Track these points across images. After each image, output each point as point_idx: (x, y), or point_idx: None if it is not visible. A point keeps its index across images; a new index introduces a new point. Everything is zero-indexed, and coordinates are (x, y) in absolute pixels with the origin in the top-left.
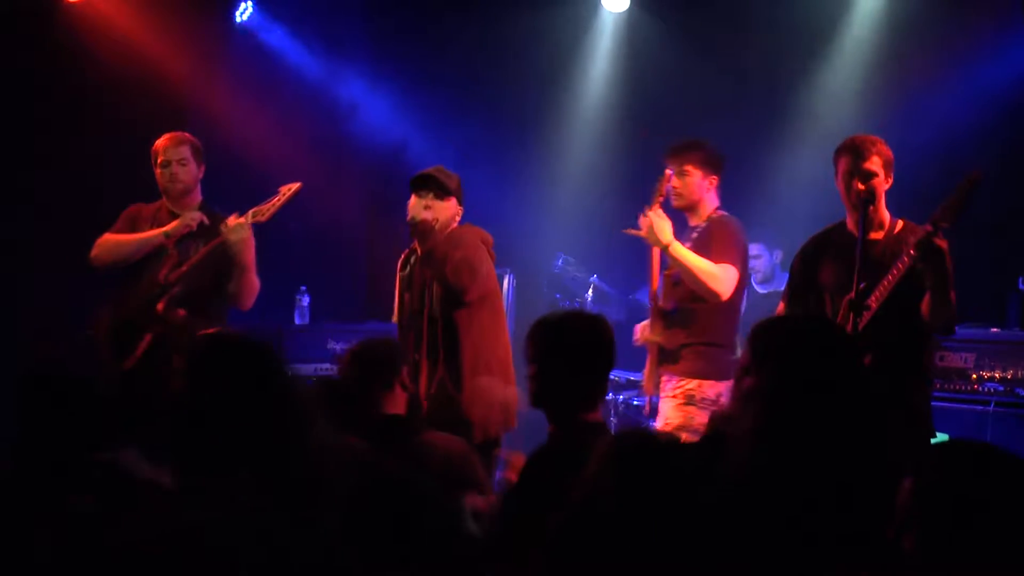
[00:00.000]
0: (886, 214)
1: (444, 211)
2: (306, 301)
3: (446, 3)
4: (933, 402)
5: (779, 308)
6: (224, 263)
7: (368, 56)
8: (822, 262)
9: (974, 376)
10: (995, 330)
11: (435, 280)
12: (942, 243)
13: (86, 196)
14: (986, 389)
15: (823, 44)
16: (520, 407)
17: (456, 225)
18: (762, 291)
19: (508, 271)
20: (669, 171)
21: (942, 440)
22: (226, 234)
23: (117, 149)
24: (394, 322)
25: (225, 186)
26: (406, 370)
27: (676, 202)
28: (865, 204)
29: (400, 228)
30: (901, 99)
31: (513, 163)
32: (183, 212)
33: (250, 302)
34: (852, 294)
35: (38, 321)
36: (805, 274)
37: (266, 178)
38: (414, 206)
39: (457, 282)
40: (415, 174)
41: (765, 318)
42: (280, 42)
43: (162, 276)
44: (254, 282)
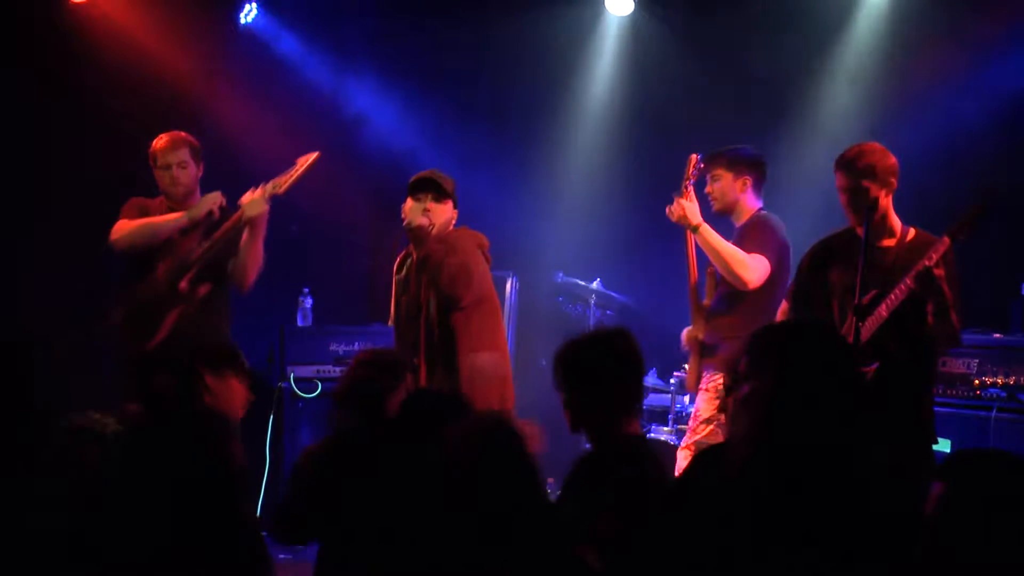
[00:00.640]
0: (896, 221)
1: (441, 214)
2: (309, 303)
3: (451, 6)
4: (935, 408)
5: (782, 308)
6: (229, 243)
7: (372, 58)
8: (830, 265)
9: (976, 382)
10: (997, 335)
11: (430, 286)
12: (940, 272)
13: (90, 197)
14: (988, 395)
15: (827, 45)
16: (513, 403)
17: (452, 228)
18: None
19: (511, 274)
20: (696, 155)
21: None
22: (245, 209)
23: (121, 150)
24: (390, 325)
25: (228, 186)
26: (411, 377)
27: (714, 206)
28: (868, 213)
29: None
30: (906, 102)
31: (517, 166)
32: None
33: (253, 277)
34: (856, 300)
35: (43, 318)
36: (812, 276)
37: (269, 178)
38: (411, 209)
39: (452, 290)
40: (412, 177)
41: (763, 325)
42: (285, 43)
43: (184, 254)
44: (260, 254)
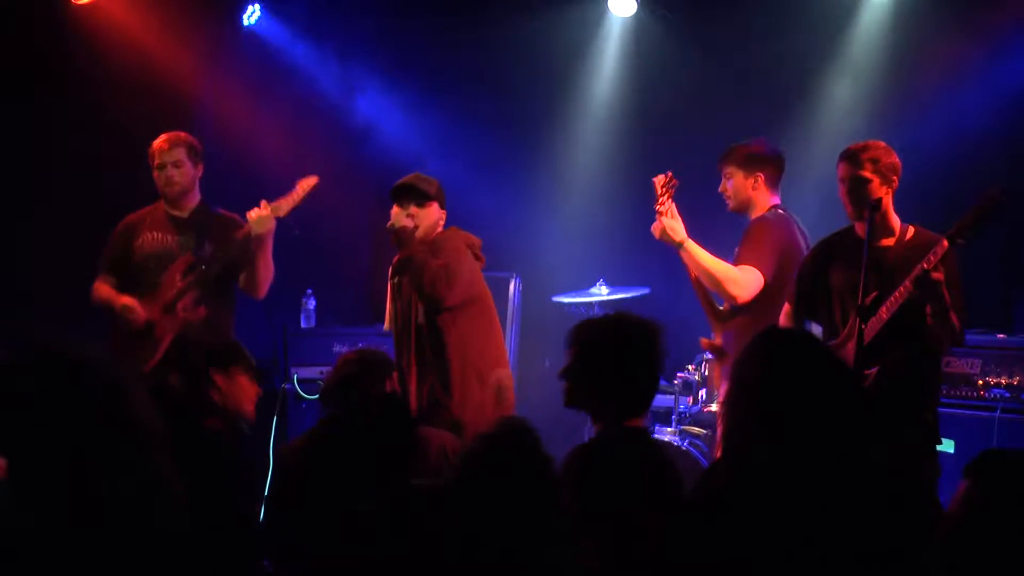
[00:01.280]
0: (895, 220)
1: (426, 217)
2: (312, 304)
3: (454, 8)
4: (939, 408)
5: (784, 310)
6: (236, 255)
7: (375, 59)
8: (831, 266)
9: (980, 382)
10: (1001, 336)
11: (412, 289)
12: (938, 276)
13: (92, 198)
14: (992, 395)
15: (830, 45)
16: (512, 408)
17: (440, 229)
18: None
19: (515, 274)
20: (662, 176)
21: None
22: (252, 226)
23: (123, 151)
24: (387, 330)
25: (231, 188)
26: (396, 375)
27: (729, 205)
28: (870, 214)
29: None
30: (908, 101)
31: (520, 166)
32: (181, 213)
33: (266, 288)
34: (860, 301)
35: (42, 323)
36: (813, 277)
37: (272, 181)
38: (396, 215)
39: (433, 291)
40: (394, 184)
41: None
42: (288, 45)
43: (177, 276)
44: (271, 267)
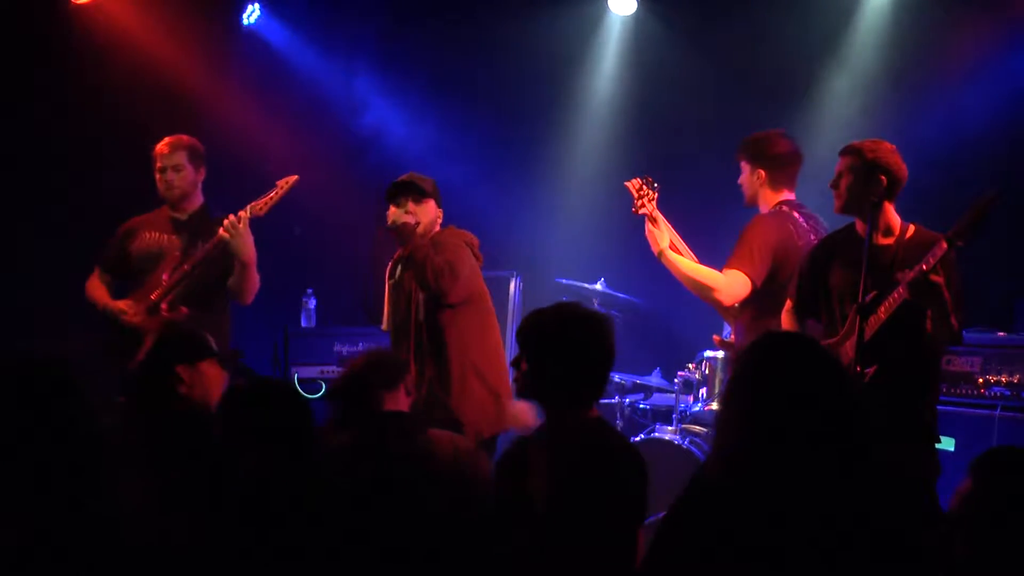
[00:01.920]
0: (896, 219)
1: (425, 214)
2: (312, 304)
3: (453, 6)
4: (939, 406)
5: (786, 307)
6: (226, 261)
7: (375, 59)
8: (831, 265)
9: (980, 380)
10: (1001, 334)
11: (416, 283)
12: (938, 279)
13: (91, 198)
14: (992, 393)
15: (831, 43)
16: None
17: (438, 227)
18: None
19: (515, 273)
20: (636, 180)
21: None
22: (222, 235)
23: (122, 151)
24: (384, 330)
25: (231, 188)
26: (411, 378)
27: (745, 198)
28: (870, 215)
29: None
30: (907, 101)
31: (521, 165)
32: (180, 215)
33: (250, 298)
34: (860, 299)
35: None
36: (814, 276)
37: (271, 180)
38: (395, 214)
39: (437, 285)
40: (389, 185)
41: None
42: (287, 44)
43: (165, 277)
44: (254, 278)
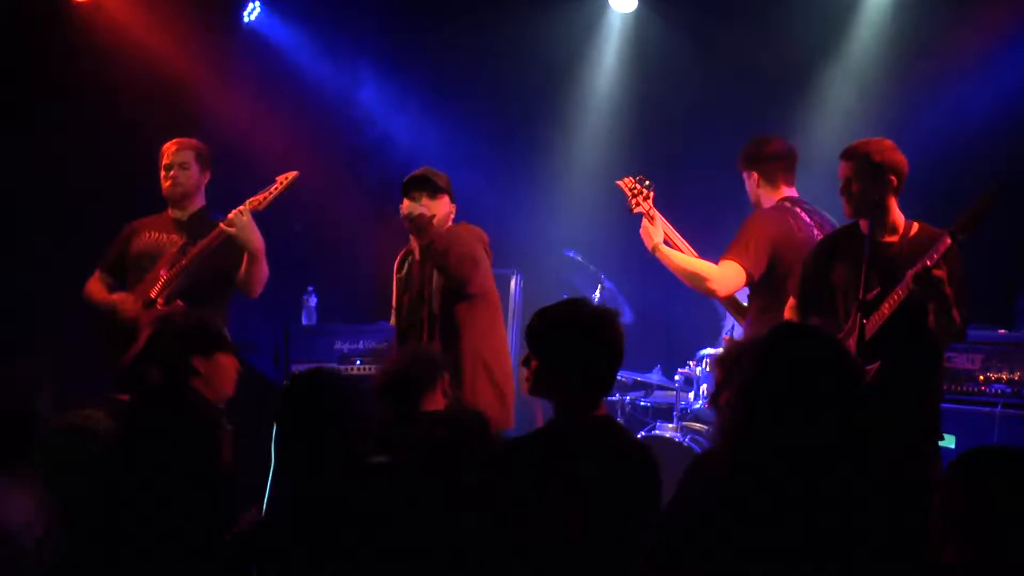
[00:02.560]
0: (899, 217)
1: (439, 208)
2: (313, 302)
3: (454, 3)
4: (941, 404)
5: (789, 304)
6: (228, 256)
7: (376, 56)
8: (834, 262)
9: (981, 377)
10: (1002, 331)
11: (438, 271)
12: (940, 273)
13: (91, 197)
14: (993, 391)
15: (831, 39)
16: (514, 404)
17: (452, 222)
18: None
19: (515, 271)
20: (628, 179)
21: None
22: (226, 228)
23: (123, 150)
24: (392, 325)
25: (231, 186)
26: (448, 377)
27: (753, 206)
28: (872, 213)
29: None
30: (909, 97)
31: (521, 163)
32: (181, 215)
33: (259, 289)
34: (861, 296)
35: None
36: (817, 273)
37: (272, 178)
38: (409, 207)
39: (460, 273)
40: (405, 178)
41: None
42: (288, 42)
43: (162, 272)
44: (263, 269)
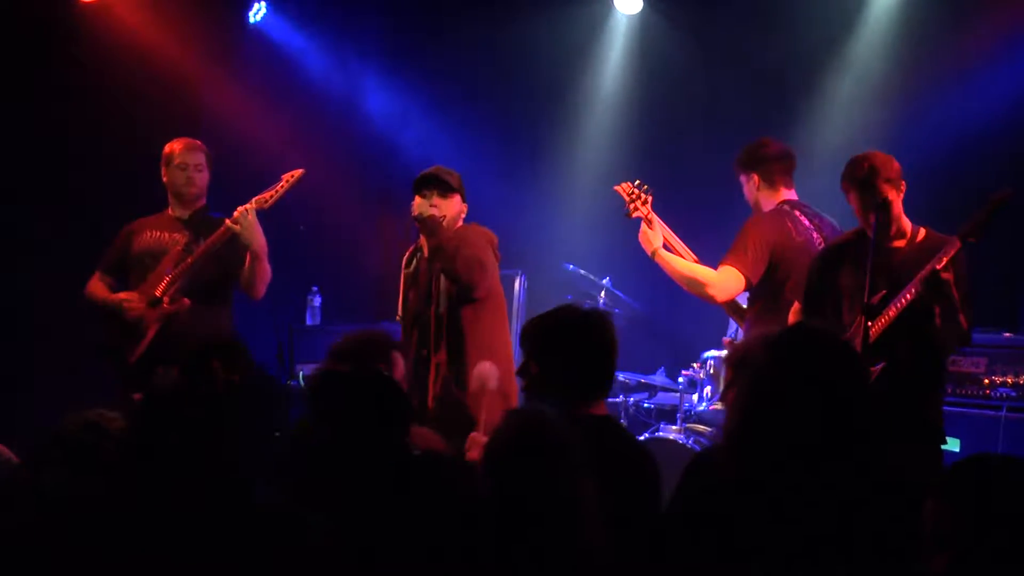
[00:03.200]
0: (906, 223)
1: (450, 208)
2: (317, 301)
3: (459, 4)
4: (945, 407)
5: (793, 308)
6: (232, 255)
7: (381, 57)
8: (841, 267)
9: (986, 381)
10: (1007, 335)
11: (444, 275)
12: (948, 276)
13: (94, 196)
14: (998, 394)
15: (836, 42)
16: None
17: (462, 222)
18: None
19: (520, 272)
20: (626, 184)
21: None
22: (230, 226)
23: (127, 150)
24: (398, 320)
25: (236, 185)
26: (401, 362)
27: (752, 210)
28: (877, 213)
29: (412, 228)
30: (913, 100)
31: (526, 164)
32: (183, 214)
33: (262, 290)
34: (866, 300)
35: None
36: (823, 277)
37: (277, 178)
38: (419, 205)
39: (468, 277)
40: (417, 176)
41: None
42: (294, 43)
43: (167, 271)
44: (266, 269)
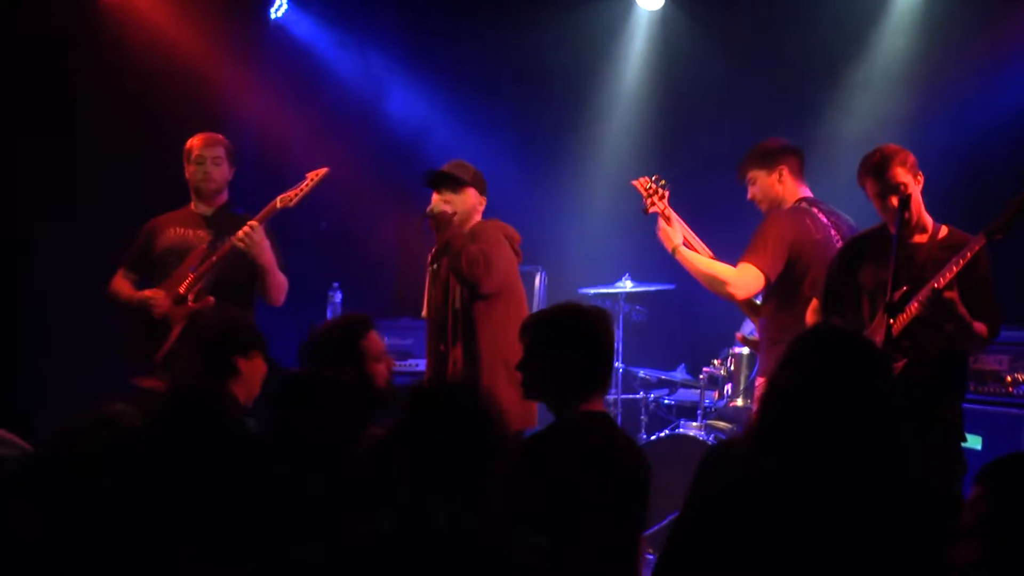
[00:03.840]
0: (927, 218)
1: (463, 202)
2: (339, 298)
3: (479, 1)
4: (966, 404)
5: (812, 305)
6: (250, 261)
7: (402, 55)
8: (861, 263)
9: (1008, 379)
10: None
11: (450, 272)
12: (952, 295)
13: (114, 193)
14: (1021, 392)
15: (858, 37)
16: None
17: (480, 216)
18: None
19: (540, 268)
20: (643, 179)
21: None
22: (236, 244)
23: (151, 146)
24: (424, 317)
25: (258, 182)
26: (375, 338)
27: (763, 208)
28: (900, 208)
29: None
30: (934, 98)
31: (547, 160)
32: (206, 210)
33: (280, 298)
34: (888, 297)
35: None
36: (843, 274)
37: (299, 175)
38: (435, 202)
39: (471, 274)
40: (431, 172)
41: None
42: (315, 39)
43: (192, 268)
44: (279, 280)
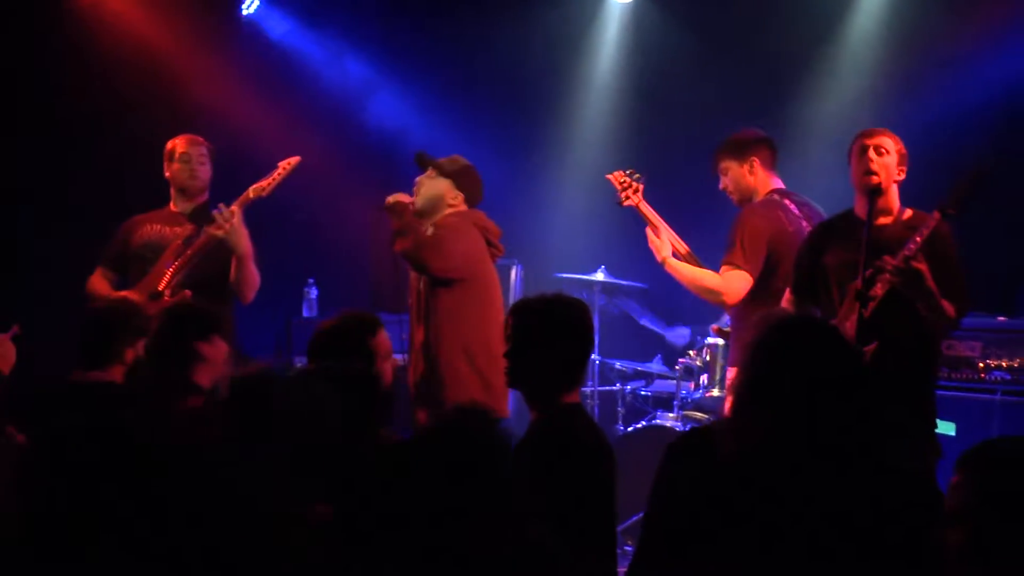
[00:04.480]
0: (895, 202)
1: (431, 188)
2: (314, 293)
3: None
4: (940, 391)
5: (785, 296)
6: (225, 254)
7: (375, 49)
8: (829, 247)
9: (981, 365)
10: (1002, 319)
11: (403, 257)
12: (920, 266)
13: (85, 191)
14: (993, 378)
15: (829, 28)
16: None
17: (449, 209)
18: None
19: (516, 262)
20: (618, 172)
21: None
22: (214, 232)
23: (122, 144)
24: (409, 305)
25: (230, 180)
26: (383, 336)
27: (734, 200)
28: (871, 201)
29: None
30: (909, 86)
31: (522, 153)
32: (184, 208)
33: (251, 294)
34: (858, 284)
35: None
36: (811, 261)
37: (272, 171)
38: (394, 195)
39: (417, 256)
40: (419, 154)
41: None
42: (287, 35)
43: (168, 265)
44: (252, 273)
